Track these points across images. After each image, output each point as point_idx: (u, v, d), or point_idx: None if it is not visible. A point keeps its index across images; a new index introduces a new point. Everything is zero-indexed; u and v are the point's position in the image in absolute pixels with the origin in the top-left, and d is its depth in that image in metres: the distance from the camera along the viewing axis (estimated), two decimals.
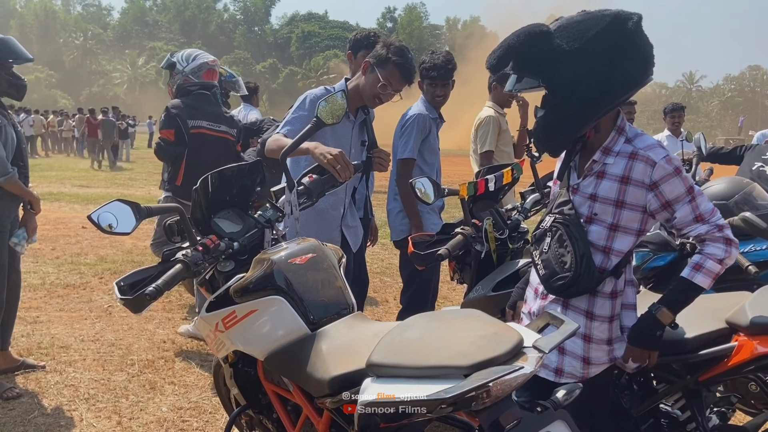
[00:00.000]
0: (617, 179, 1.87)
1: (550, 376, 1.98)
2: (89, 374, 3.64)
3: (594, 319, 1.95)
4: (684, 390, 2.18)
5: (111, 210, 1.81)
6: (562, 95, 1.83)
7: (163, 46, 75.29)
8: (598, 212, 1.91)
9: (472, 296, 2.73)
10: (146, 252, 6.78)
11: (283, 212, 2.21)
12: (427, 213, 3.49)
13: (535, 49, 1.79)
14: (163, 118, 4.15)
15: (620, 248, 1.92)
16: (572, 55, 1.78)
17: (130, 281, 1.88)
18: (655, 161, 1.82)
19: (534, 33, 1.79)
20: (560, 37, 1.79)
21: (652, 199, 1.85)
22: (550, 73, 1.82)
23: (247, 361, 2.08)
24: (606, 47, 1.77)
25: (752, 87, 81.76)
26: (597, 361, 1.96)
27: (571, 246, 1.88)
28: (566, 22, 1.83)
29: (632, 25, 1.79)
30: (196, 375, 3.68)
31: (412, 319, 1.63)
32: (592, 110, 1.83)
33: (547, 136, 1.93)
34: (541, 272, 1.96)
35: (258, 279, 1.90)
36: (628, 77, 1.82)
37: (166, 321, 4.62)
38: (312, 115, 2.31)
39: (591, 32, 1.77)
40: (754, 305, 2.04)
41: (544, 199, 3.05)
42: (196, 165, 3.98)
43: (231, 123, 4.37)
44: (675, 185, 1.82)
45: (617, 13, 1.81)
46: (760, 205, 3.01)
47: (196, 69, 4.20)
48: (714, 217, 1.84)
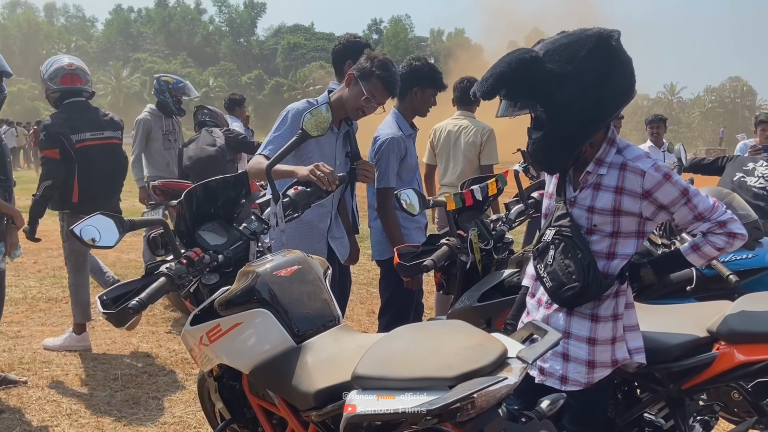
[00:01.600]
0: (612, 189, 1.92)
1: (556, 384, 2.00)
2: (71, 389, 3.59)
3: (599, 321, 1.98)
4: (667, 399, 2.20)
5: (94, 223, 1.80)
6: (560, 116, 1.88)
7: (148, 58, 75.02)
8: (597, 223, 1.96)
9: (457, 307, 2.74)
10: (130, 265, 6.73)
11: (268, 224, 2.21)
12: (414, 230, 3.47)
13: (528, 75, 1.84)
14: (43, 138, 3.95)
15: (625, 252, 1.97)
16: (566, 78, 1.82)
17: (113, 295, 1.87)
18: (644, 171, 1.88)
19: (525, 60, 1.83)
20: (551, 61, 1.83)
21: (647, 206, 1.91)
22: (547, 96, 1.87)
23: (232, 375, 2.07)
24: (596, 66, 1.83)
25: (732, 98, 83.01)
26: (602, 363, 1.99)
27: (577, 257, 1.92)
28: (553, 46, 1.86)
29: (615, 42, 1.85)
30: (180, 389, 3.65)
31: (397, 331, 1.64)
32: (591, 127, 1.90)
33: (548, 156, 1.98)
34: (548, 284, 1.99)
35: (243, 292, 1.89)
36: (619, 93, 1.89)
37: (150, 335, 4.58)
38: (294, 131, 2.31)
39: (580, 53, 1.82)
40: (735, 314, 2.07)
41: (528, 210, 3.07)
42: (88, 179, 3.95)
43: (114, 126, 4.26)
44: (668, 191, 1.87)
45: (599, 32, 1.86)
46: (740, 215, 3.03)
47: (53, 75, 4.06)
48: (715, 214, 1.90)
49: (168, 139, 5.54)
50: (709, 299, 2.57)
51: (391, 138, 3.31)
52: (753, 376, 2.08)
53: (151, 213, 4.85)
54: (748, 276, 2.93)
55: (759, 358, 1.95)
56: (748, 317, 2.05)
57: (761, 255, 2.99)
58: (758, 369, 1.97)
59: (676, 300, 2.82)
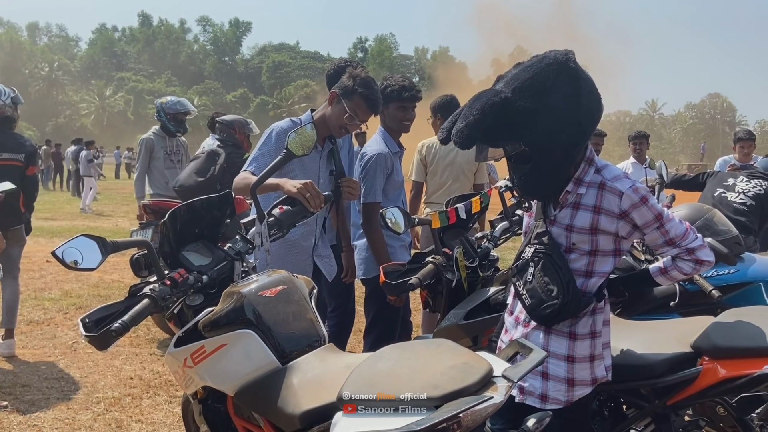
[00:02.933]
0: (590, 209, 1.94)
1: (536, 402, 1.99)
2: (53, 413, 3.52)
3: (576, 339, 1.99)
4: (653, 415, 2.21)
5: (76, 245, 1.78)
6: (545, 149, 1.90)
7: (132, 77, 74.86)
8: (576, 242, 1.97)
9: (443, 325, 2.73)
10: (112, 286, 6.65)
11: (253, 244, 2.20)
12: (399, 248, 3.47)
13: (503, 118, 1.84)
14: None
15: (602, 270, 1.99)
16: (541, 112, 1.83)
17: (96, 317, 1.84)
18: (621, 192, 1.89)
19: (497, 103, 1.83)
20: (521, 99, 1.83)
21: (623, 226, 1.92)
22: (528, 133, 1.87)
23: (217, 397, 2.04)
24: (565, 92, 1.84)
25: (713, 114, 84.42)
26: (581, 381, 1.99)
27: (556, 274, 1.93)
28: (518, 83, 1.85)
29: (573, 63, 1.86)
30: (164, 412, 3.59)
31: (383, 351, 1.63)
32: (574, 152, 1.93)
33: (540, 188, 2.00)
34: (527, 302, 1.99)
35: (227, 312, 1.88)
36: (592, 110, 1.91)
37: (133, 356, 4.52)
38: (278, 149, 2.31)
39: (547, 83, 1.83)
40: (717, 330, 2.09)
41: (513, 227, 3.09)
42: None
43: (17, 148, 4.35)
44: (643, 213, 1.89)
45: (556, 58, 1.86)
46: (721, 230, 3.10)
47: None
48: (685, 241, 1.94)
49: (170, 159, 5.64)
50: (693, 314, 2.60)
51: (378, 154, 3.33)
52: (737, 391, 2.10)
53: (141, 233, 4.83)
54: (730, 291, 2.97)
55: (743, 373, 1.97)
56: (731, 332, 2.08)
57: (743, 270, 3.03)
58: (742, 384, 1.99)
59: (659, 315, 2.85)
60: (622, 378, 2.13)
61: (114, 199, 18.80)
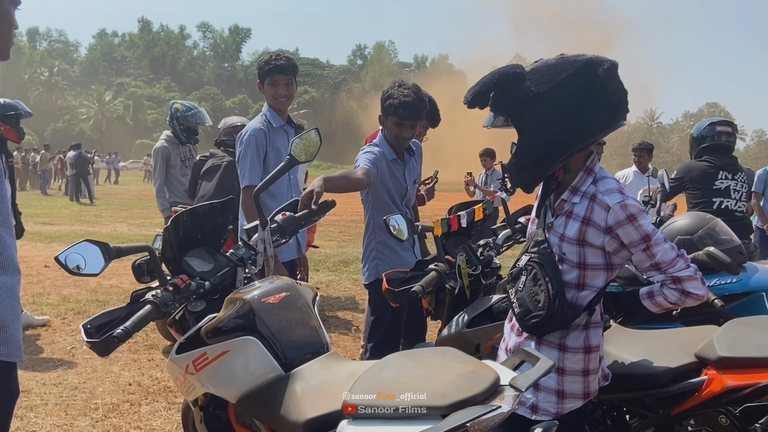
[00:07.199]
0: (580, 219, 1.90)
1: (527, 413, 1.97)
2: (51, 420, 3.50)
3: (567, 351, 1.96)
4: (656, 424, 2.20)
5: (79, 251, 1.78)
6: (529, 136, 1.89)
7: (132, 82, 74.94)
8: (566, 252, 1.93)
9: (446, 333, 2.72)
10: (111, 291, 6.62)
11: (256, 250, 2.19)
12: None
13: (507, 90, 1.86)
14: None
15: (594, 284, 1.93)
16: (539, 98, 1.83)
17: (97, 323, 1.84)
18: (609, 206, 1.84)
19: (508, 74, 1.85)
20: (531, 80, 1.84)
21: (609, 241, 1.87)
22: (519, 113, 1.88)
23: (218, 404, 2.03)
24: (572, 92, 1.81)
25: None
26: (572, 394, 1.96)
27: (545, 285, 1.89)
28: (540, 65, 1.88)
29: (603, 71, 1.82)
30: (163, 419, 3.57)
31: (388, 359, 1.62)
32: (557, 152, 1.86)
33: (519, 173, 1.99)
34: (517, 310, 1.97)
35: (230, 319, 1.87)
36: (594, 122, 1.85)
37: (132, 363, 4.49)
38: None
39: (560, 77, 1.82)
40: (722, 340, 2.08)
41: (516, 235, 3.08)
42: None
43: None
44: (628, 231, 1.83)
45: (590, 59, 1.85)
46: (723, 239, 3.10)
47: None
48: (672, 268, 1.84)
49: (186, 165, 5.51)
50: (695, 323, 2.59)
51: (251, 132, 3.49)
52: (741, 401, 2.09)
53: None
54: (733, 300, 2.97)
55: (747, 383, 1.96)
56: (736, 342, 2.07)
57: (745, 279, 3.03)
58: (746, 394, 1.98)
59: (662, 325, 2.84)
60: (625, 387, 2.12)
61: (112, 204, 18.76)
